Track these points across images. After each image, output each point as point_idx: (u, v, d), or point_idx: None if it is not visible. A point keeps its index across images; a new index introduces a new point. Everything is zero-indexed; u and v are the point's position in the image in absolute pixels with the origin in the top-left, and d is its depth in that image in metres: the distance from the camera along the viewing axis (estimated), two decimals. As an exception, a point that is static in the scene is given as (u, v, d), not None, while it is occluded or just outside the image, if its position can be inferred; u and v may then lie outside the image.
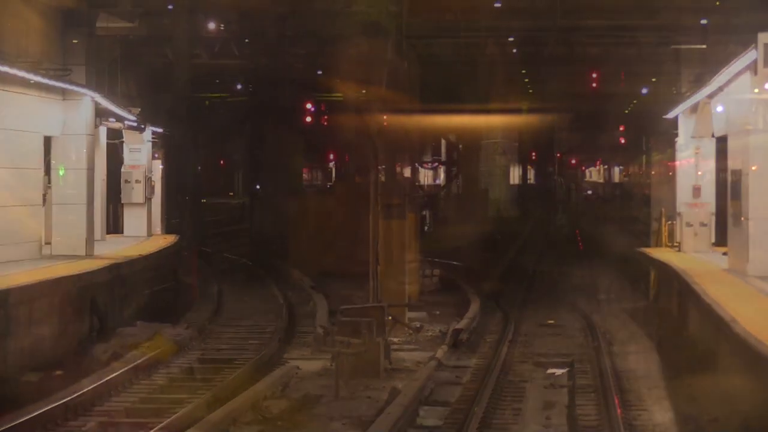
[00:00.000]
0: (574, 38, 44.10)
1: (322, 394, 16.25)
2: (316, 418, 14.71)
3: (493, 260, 30.67)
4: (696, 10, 38.69)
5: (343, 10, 33.54)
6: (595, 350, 19.38)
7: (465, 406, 15.83)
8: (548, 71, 49.98)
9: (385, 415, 13.88)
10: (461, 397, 16.42)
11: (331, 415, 14.79)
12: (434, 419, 15.14)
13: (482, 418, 14.92)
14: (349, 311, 18.58)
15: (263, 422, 13.69)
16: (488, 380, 16.96)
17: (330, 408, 15.28)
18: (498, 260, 30.45)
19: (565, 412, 15.74)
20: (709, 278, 22.21)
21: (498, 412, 15.65)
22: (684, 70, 49.43)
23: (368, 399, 16.04)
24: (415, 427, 14.51)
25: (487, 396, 16.08)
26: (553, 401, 16.40)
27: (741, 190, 24.36)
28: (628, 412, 15.11)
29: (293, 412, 14.92)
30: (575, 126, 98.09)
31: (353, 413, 14.74)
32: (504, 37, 44.30)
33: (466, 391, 16.74)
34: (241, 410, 14.03)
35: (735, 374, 14.12)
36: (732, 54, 43.75)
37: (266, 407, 14.46)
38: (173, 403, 14.71)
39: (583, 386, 17.05)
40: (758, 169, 23.78)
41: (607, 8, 37.95)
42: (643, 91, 65.90)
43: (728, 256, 25.20)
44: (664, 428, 14.13)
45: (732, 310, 16.26)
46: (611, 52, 45.82)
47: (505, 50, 46.50)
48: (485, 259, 31.41)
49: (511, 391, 16.80)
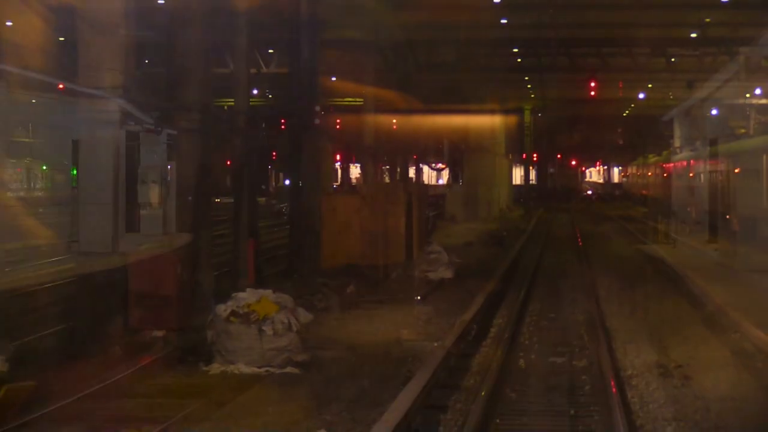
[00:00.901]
0: (573, 49, 47.54)
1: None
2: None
3: (502, 254, 33.89)
4: (686, 25, 41.92)
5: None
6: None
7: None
8: (550, 78, 52.77)
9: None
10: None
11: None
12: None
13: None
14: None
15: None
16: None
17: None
18: (506, 254, 33.68)
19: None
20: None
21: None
22: (677, 77, 52.82)
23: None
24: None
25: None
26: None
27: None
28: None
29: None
30: (575, 128, 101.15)
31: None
32: (509, 48, 47.67)
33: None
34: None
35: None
36: (721, 63, 47.28)
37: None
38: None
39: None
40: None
41: (605, 23, 41.08)
42: (640, 96, 69.20)
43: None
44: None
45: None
46: (608, 62, 48.76)
47: (509, 60, 49.86)
48: (496, 252, 34.61)
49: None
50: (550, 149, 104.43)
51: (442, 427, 11.47)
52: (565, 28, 41.34)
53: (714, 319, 19.40)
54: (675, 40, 45.34)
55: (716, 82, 51.16)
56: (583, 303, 21.93)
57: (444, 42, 44.38)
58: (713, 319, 19.34)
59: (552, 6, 36.26)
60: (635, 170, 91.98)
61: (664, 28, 42.26)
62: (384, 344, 16.07)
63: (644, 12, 37.25)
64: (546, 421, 11.96)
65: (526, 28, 40.92)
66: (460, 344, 15.94)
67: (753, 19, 39.80)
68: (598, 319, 19.18)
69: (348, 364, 14.28)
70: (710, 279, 24.95)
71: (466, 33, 41.50)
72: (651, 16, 38.17)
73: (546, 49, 45.96)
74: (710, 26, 41.43)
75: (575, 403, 12.75)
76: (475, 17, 38.43)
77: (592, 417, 11.99)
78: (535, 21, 39.09)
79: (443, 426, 11.49)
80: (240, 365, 13.52)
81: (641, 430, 11.17)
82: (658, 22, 39.86)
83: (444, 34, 42.22)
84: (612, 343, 16.81)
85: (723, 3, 36.41)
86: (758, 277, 24.90)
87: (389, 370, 14.01)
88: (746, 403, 12.22)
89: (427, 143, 77.69)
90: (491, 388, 13.12)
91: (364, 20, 38.19)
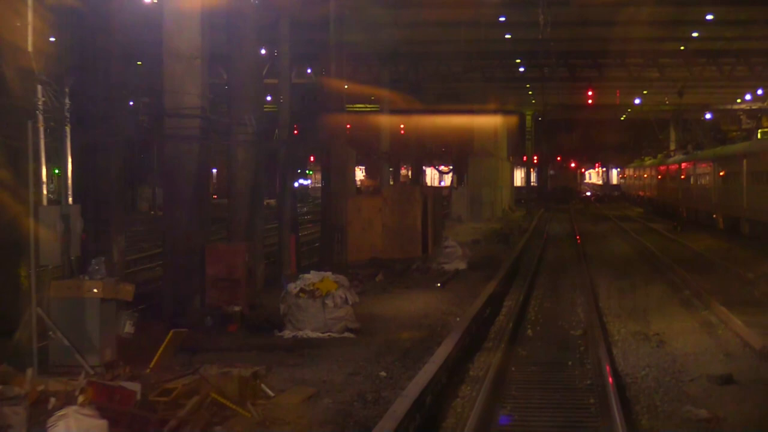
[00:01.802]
0: (572, 61, 51.14)
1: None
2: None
3: (508, 250, 37.37)
4: (676, 39, 45.55)
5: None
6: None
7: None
8: (550, 86, 56.23)
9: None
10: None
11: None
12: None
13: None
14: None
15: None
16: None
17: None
18: (511, 250, 37.16)
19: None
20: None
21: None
22: (669, 85, 56.48)
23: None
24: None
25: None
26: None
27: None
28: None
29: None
30: (574, 132, 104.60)
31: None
32: (512, 59, 51.33)
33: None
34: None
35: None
36: (708, 72, 50.86)
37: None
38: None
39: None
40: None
41: (601, 37, 44.62)
42: (636, 101, 72.81)
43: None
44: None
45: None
46: (605, 72, 52.33)
47: (512, 70, 53.50)
48: (502, 248, 38.15)
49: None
50: (550, 152, 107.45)
51: (471, 372, 15.05)
52: (565, 43, 45.00)
53: (689, 300, 23.02)
54: (666, 52, 49.03)
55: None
56: (580, 289, 25.50)
57: (452, 55, 48.03)
58: (689, 300, 22.96)
59: (552, 23, 39.61)
60: (632, 172, 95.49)
61: (655, 42, 45.94)
62: (416, 318, 19.66)
63: (637, 27, 40.75)
64: (549, 369, 15.54)
65: (529, 42, 44.44)
66: (479, 318, 19.52)
67: (735, 34, 43.57)
68: (593, 301, 22.73)
69: (391, 331, 17.86)
70: (694, 271, 28.54)
71: (473, 46, 45.16)
72: (643, 31, 41.64)
73: (546, 61, 49.63)
74: (697, 40, 45.13)
75: (572, 358, 16.35)
76: (482, 33, 42.11)
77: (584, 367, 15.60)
78: (536, 36, 42.49)
79: (472, 371, 15.08)
80: (307, 331, 17.10)
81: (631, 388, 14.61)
82: (650, 36, 43.40)
83: (452, 47, 45.77)
84: (607, 328, 20.29)
85: (708, 20, 40.01)
86: (731, 267, 28.58)
87: (424, 335, 17.59)
88: (703, 356, 15.81)
89: (433, 147, 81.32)
90: (506, 347, 16.70)
91: (380, 36, 41.91)
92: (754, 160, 36.08)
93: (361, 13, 34.36)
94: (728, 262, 30.37)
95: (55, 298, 12.77)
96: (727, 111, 75.96)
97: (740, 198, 37.97)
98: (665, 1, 37.60)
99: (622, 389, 13.38)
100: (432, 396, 12.79)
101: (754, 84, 54.14)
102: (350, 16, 31.29)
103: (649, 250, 37.34)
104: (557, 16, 36.34)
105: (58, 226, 12.80)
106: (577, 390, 14.08)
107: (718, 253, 34.26)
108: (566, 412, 12.78)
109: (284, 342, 16.66)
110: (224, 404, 11.35)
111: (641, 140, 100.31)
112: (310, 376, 13.87)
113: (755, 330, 17.12)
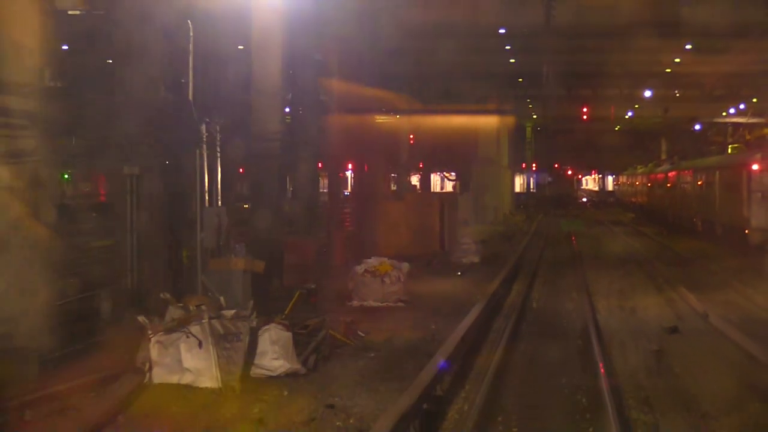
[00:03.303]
0: (569, 81, 57.03)
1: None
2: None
3: (512, 248, 43.22)
4: (662, 64, 51.48)
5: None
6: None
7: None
8: (549, 103, 62.16)
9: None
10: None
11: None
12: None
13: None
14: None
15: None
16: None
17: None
18: (515, 248, 43.01)
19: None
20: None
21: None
22: (656, 104, 62.49)
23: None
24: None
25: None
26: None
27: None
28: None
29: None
30: (571, 141, 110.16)
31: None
32: (516, 79, 57.24)
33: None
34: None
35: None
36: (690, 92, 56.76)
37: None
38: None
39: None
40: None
41: (595, 62, 50.49)
42: (628, 114, 78.69)
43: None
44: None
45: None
46: (598, 92, 58.35)
47: (516, 90, 59.48)
48: (508, 247, 44.03)
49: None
50: (549, 160, 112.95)
51: (487, 344, 20.88)
52: (563, 66, 50.86)
53: (661, 285, 28.92)
54: (653, 74, 54.92)
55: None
56: (575, 278, 31.36)
57: (462, 76, 53.83)
58: (661, 286, 28.84)
59: (552, 51, 45.57)
60: (625, 180, 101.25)
61: (644, 66, 51.85)
62: (447, 295, 25.52)
63: (627, 54, 46.60)
64: (551, 329, 21.40)
65: (531, 65, 50.35)
66: (495, 295, 25.37)
67: (713, 59, 49.50)
68: (584, 286, 28.58)
69: (431, 303, 23.74)
70: (670, 264, 34.44)
71: (482, 68, 51.05)
72: (633, 57, 47.54)
73: (546, 81, 55.50)
74: (680, 65, 50.99)
75: (568, 320, 22.24)
76: (490, 58, 48.04)
77: (576, 325, 21.49)
78: (538, 60, 48.45)
79: (489, 341, 20.89)
80: (369, 301, 22.95)
81: (605, 332, 20.49)
82: (639, 60, 49.31)
83: (462, 69, 51.58)
84: (592, 300, 26.12)
85: (687, 49, 45.94)
86: (701, 262, 34.52)
87: (456, 305, 23.42)
88: (661, 318, 21.73)
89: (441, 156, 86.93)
90: (517, 316, 22.55)
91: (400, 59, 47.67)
92: (725, 172, 41.97)
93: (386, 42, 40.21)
94: (700, 259, 36.28)
95: (212, 270, 18.59)
96: (714, 123, 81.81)
97: (714, 204, 43.85)
98: (651, 34, 43.42)
99: (601, 334, 19.27)
100: (470, 338, 18.68)
101: (732, 102, 60.14)
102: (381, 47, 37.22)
103: (636, 249, 43.19)
104: (557, 44, 42.18)
105: (214, 221, 18.66)
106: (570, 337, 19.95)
107: (693, 251, 40.10)
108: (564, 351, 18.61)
109: (355, 308, 22.53)
110: (336, 337, 17.21)
111: (635, 149, 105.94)
112: (382, 327, 19.74)
113: (702, 302, 23.03)
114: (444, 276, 30.77)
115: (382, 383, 14.40)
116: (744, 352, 17.11)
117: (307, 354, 15.18)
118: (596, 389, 14.07)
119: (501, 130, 76.31)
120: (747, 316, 21.40)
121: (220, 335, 13.67)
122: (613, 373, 15.39)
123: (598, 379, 14.57)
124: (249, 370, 14.18)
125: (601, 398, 13.30)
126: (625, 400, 13.67)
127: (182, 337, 13.51)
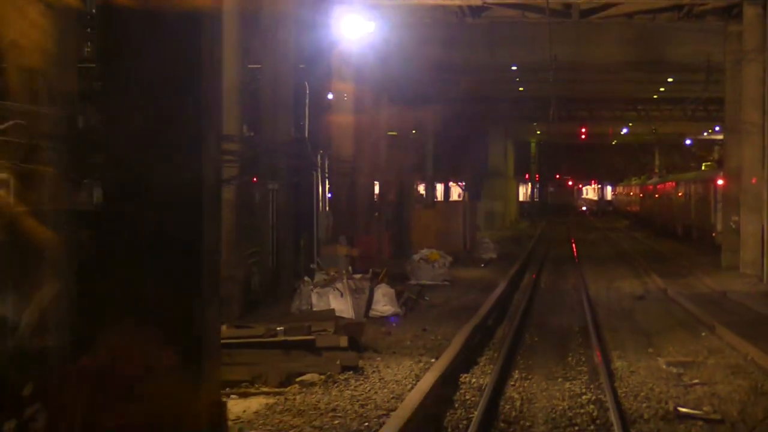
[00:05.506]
0: (569, 104, 65.57)
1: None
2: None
3: (521, 249, 51.73)
4: (650, 91, 59.99)
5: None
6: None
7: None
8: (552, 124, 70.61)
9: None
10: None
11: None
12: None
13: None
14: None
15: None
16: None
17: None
18: (524, 249, 51.55)
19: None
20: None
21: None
22: (646, 124, 71.08)
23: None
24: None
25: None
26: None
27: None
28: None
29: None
30: (572, 154, 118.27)
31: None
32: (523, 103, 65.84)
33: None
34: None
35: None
36: (676, 114, 65.37)
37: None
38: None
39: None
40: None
41: (592, 89, 59.11)
42: (623, 131, 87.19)
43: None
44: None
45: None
46: (595, 114, 66.96)
47: (523, 111, 68.09)
48: (518, 248, 52.54)
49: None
50: (551, 171, 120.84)
51: (512, 304, 29.30)
52: (564, 91, 59.29)
53: (640, 274, 37.48)
54: (643, 99, 63.55)
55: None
56: (573, 270, 39.90)
57: (475, 100, 62.45)
58: (640, 275, 37.39)
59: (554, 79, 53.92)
60: (621, 190, 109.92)
61: (635, 91, 60.38)
62: (477, 279, 34.06)
63: (620, 84, 55.16)
64: (556, 298, 29.90)
65: (536, 91, 58.78)
66: (512, 281, 33.88)
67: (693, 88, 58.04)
68: (581, 274, 37.09)
69: (467, 284, 32.29)
70: (650, 260, 43.04)
71: (493, 93, 59.77)
72: (624, 84, 56.02)
73: (549, 103, 63.97)
74: (665, 92, 59.51)
75: (568, 295, 30.79)
76: (501, 87, 56.70)
77: (573, 297, 30.05)
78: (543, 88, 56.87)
79: (513, 303, 29.25)
80: (423, 281, 31.47)
81: (593, 298, 28.91)
82: (630, 88, 57.84)
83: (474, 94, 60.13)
84: (586, 282, 34.55)
85: (670, 82, 54.50)
86: (675, 259, 43.13)
87: (485, 285, 31.95)
88: (634, 291, 30.35)
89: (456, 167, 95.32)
90: (530, 292, 31.07)
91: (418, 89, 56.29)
92: (698, 185, 50.59)
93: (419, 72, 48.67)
94: (676, 256, 44.86)
95: (324, 253, 27.11)
96: (699, 140, 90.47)
97: (690, 212, 52.48)
98: (638, 69, 51.94)
99: (590, 300, 27.87)
100: (499, 303, 27.23)
101: (710, 124, 68.76)
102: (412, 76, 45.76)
103: (625, 249, 51.79)
104: (559, 74, 50.61)
105: (324, 222, 27.21)
106: (568, 303, 28.46)
107: (672, 251, 48.69)
108: (564, 311, 27.09)
109: (414, 285, 31.07)
110: (413, 298, 25.79)
111: (631, 162, 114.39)
112: (438, 295, 28.26)
113: (666, 284, 31.63)
114: (471, 267, 39.30)
115: (450, 321, 22.87)
116: (684, 309, 25.68)
117: (401, 303, 23.79)
118: (584, 326, 22.65)
119: (508, 146, 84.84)
120: (695, 292, 29.84)
121: (352, 289, 22.19)
122: (596, 319, 23.97)
123: (586, 320, 23.19)
124: (368, 313, 22.73)
125: (587, 332, 21.82)
126: (600, 330, 22.24)
127: (331, 290, 22.01)
